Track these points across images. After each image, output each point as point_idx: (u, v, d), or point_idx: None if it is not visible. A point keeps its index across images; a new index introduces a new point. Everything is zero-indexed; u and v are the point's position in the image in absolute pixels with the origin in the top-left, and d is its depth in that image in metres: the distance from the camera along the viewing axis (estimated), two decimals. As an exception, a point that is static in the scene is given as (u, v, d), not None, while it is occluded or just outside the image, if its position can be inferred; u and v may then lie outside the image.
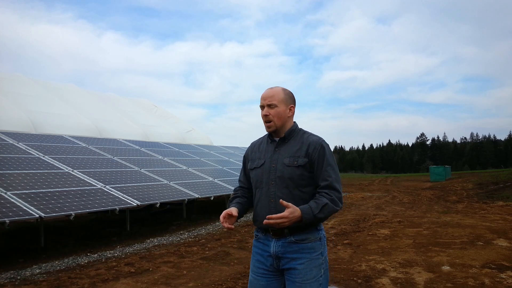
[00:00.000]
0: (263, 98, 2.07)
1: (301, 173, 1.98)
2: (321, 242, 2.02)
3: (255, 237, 2.14)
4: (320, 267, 1.98)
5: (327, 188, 1.95)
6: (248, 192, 2.22)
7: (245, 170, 2.26)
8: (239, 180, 2.31)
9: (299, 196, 1.97)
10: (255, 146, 2.21)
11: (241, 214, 2.09)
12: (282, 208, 1.88)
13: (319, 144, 2.02)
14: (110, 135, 12.18)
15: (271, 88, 2.10)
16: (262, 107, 2.08)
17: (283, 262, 1.98)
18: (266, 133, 2.18)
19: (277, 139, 2.11)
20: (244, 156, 2.29)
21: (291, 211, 1.82)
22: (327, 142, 2.08)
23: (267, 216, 1.83)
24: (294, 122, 2.13)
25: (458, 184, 18.58)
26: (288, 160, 2.00)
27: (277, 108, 2.04)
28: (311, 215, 1.86)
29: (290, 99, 2.10)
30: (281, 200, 1.86)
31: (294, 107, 2.12)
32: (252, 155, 2.18)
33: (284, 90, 2.09)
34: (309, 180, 2.00)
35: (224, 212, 1.96)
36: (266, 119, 2.05)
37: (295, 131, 2.10)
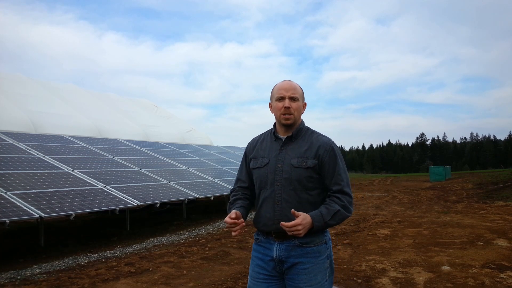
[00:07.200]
0: (284, 90, 1.94)
1: (310, 175, 1.88)
2: (326, 245, 1.93)
3: (256, 240, 2.02)
4: (325, 271, 1.90)
5: (339, 192, 1.86)
6: (250, 192, 2.09)
7: (247, 168, 2.09)
8: (238, 179, 2.13)
9: (306, 199, 1.89)
10: (257, 143, 2.07)
11: (244, 218, 1.95)
12: (287, 211, 1.83)
13: (330, 146, 1.93)
14: (110, 135, 12.18)
15: (289, 81, 1.99)
16: (281, 98, 1.94)
17: (286, 266, 1.88)
18: (267, 130, 2.10)
19: (283, 137, 1.99)
20: (245, 153, 2.13)
21: (303, 217, 1.75)
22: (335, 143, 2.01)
23: (281, 224, 1.75)
24: (302, 120, 2.04)
25: (458, 184, 18.57)
26: (296, 161, 1.89)
27: (298, 102, 1.96)
28: (321, 222, 1.79)
29: (304, 96, 2.03)
30: (292, 210, 1.78)
31: (306, 104, 2.07)
32: (255, 153, 2.04)
33: (299, 86, 2.02)
34: (316, 182, 1.90)
35: (230, 220, 1.82)
36: (287, 111, 1.92)
37: (303, 130, 2.00)
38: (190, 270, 4.69)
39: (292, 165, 1.89)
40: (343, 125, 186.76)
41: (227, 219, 1.83)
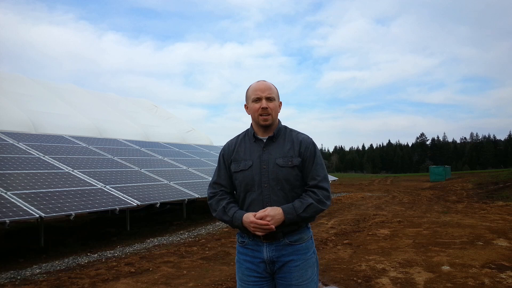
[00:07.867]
0: (260, 90, 1.93)
1: (296, 174, 1.90)
2: (312, 240, 1.99)
3: (241, 243, 1.98)
4: (313, 266, 1.95)
5: (315, 187, 1.89)
6: (232, 197, 2.04)
7: (227, 172, 2.03)
8: (217, 183, 2.04)
9: (293, 198, 1.89)
10: (235, 146, 2.03)
11: None
12: None
13: (310, 143, 1.97)
14: (110, 135, 12.18)
15: (264, 81, 1.99)
16: (258, 99, 1.93)
17: (277, 265, 1.90)
18: (242, 132, 2.09)
19: (263, 138, 1.97)
20: (222, 157, 2.06)
21: (271, 209, 1.82)
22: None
23: (252, 221, 1.80)
24: (279, 119, 2.03)
25: (458, 184, 18.59)
26: (281, 160, 1.90)
27: (275, 102, 1.95)
28: (293, 214, 1.82)
29: (279, 95, 2.03)
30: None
31: (281, 103, 2.05)
32: (235, 156, 1.99)
33: (274, 85, 2.02)
34: (301, 180, 1.93)
35: (254, 220, 1.82)
36: (265, 112, 1.91)
37: (281, 129, 2.01)
38: (190, 270, 4.69)
39: (278, 164, 1.90)
40: (343, 125, 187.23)
41: (253, 219, 1.82)
